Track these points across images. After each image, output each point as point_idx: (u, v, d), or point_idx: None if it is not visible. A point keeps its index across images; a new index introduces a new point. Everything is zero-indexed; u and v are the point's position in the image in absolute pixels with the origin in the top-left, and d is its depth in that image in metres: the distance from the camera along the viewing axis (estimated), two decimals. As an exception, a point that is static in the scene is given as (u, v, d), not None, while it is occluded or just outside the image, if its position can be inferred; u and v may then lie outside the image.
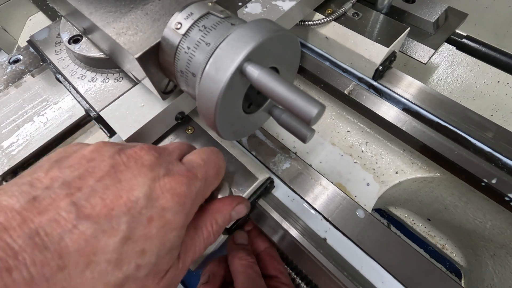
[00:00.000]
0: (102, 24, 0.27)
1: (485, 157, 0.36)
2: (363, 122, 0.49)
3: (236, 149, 0.35)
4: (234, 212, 0.27)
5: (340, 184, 0.46)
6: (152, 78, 0.27)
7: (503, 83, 0.53)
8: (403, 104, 0.40)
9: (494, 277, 0.52)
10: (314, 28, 0.44)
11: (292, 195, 0.36)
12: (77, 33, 0.34)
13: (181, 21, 0.23)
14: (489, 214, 0.47)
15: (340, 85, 0.43)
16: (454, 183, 0.45)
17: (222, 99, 0.20)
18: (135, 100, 0.32)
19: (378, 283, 0.30)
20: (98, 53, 0.32)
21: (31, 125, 0.34)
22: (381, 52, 0.39)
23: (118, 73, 0.33)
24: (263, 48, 0.20)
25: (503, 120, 0.54)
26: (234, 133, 0.25)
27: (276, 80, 0.19)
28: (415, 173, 0.46)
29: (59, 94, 0.36)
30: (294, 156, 0.38)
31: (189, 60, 0.23)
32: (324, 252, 0.32)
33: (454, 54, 0.56)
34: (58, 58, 0.35)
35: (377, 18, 0.43)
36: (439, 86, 0.59)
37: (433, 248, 0.65)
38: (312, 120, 0.18)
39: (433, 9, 0.44)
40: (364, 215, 0.34)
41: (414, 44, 0.44)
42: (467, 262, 0.61)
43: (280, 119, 0.24)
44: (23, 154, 0.32)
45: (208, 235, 0.24)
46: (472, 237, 0.55)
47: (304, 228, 0.34)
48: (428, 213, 0.62)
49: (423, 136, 0.38)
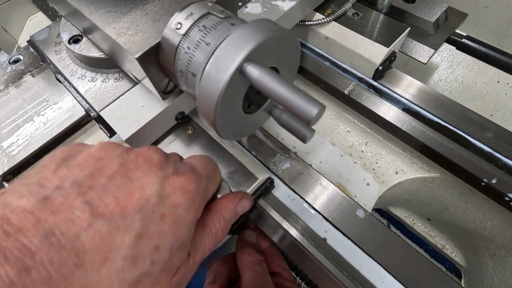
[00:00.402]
0: (102, 24, 0.27)
1: (485, 157, 0.36)
2: (363, 122, 0.49)
3: (236, 149, 0.35)
4: (239, 207, 0.27)
5: (340, 184, 0.46)
6: (152, 78, 0.27)
7: (503, 83, 0.53)
8: (403, 104, 0.40)
9: (494, 277, 0.52)
10: (314, 28, 0.44)
11: (292, 195, 0.36)
12: (77, 33, 0.34)
13: (181, 21, 0.23)
14: (489, 214, 0.47)
15: (340, 85, 0.43)
16: (454, 183, 0.45)
17: (222, 99, 0.20)
18: (135, 100, 0.32)
19: (378, 283, 0.30)
20: (98, 53, 0.32)
21: (31, 125, 0.34)
22: (381, 52, 0.39)
23: (118, 73, 0.33)
24: (263, 48, 0.20)
25: (503, 120, 0.54)
26: (234, 133, 0.25)
27: (276, 80, 0.19)
28: (415, 173, 0.46)
29: (59, 94, 0.36)
30: (294, 156, 0.38)
31: (189, 60, 0.23)
32: (324, 252, 0.32)
33: (454, 54, 0.56)
34: (58, 58, 0.35)
35: (377, 18, 0.43)
36: (439, 86, 0.59)
37: (433, 248, 0.65)
38: (312, 120, 0.18)
39: (433, 9, 0.44)
40: (364, 215, 0.34)
41: (414, 44, 0.44)
42: (467, 262, 0.61)
43: (280, 119, 0.24)
44: (23, 154, 0.32)
45: (217, 231, 0.25)
46: (472, 237, 0.55)
47: (304, 228, 0.34)
48: (428, 213, 0.62)
49: (423, 136, 0.38)
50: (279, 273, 0.36)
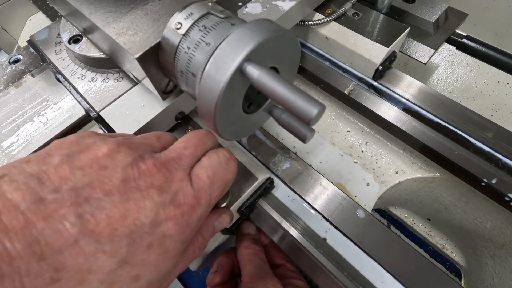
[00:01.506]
0: (102, 24, 0.27)
1: (485, 157, 0.36)
2: (363, 122, 0.49)
3: (236, 149, 0.35)
4: (217, 222, 0.27)
5: (340, 184, 0.46)
6: (152, 78, 0.27)
7: (503, 83, 0.53)
8: (403, 104, 0.40)
9: (494, 277, 0.52)
10: (314, 28, 0.44)
11: (292, 195, 0.36)
12: (77, 33, 0.34)
13: (181, 21, 0.23)
14: (489, 214, 0.47)
15: (340, 85, 0.43)
16: (454, 183, 0.45)
17: (222, 99, 0.20)
18: (135, 100, 0.32)
19: (378, 283, 0.30)
20: (98, 53, 0.32)
21: (31, 125, 0.34)
22: (381, 52, 0.39)
23: (118, 73, 0.33)
24: (263, 48, 0.20)
25: (503, 120, 0.54)
26: (234, 133, 0.25)
27: (276, 80, 0.19)
28: (415, 173, 0.46)
29: (59, 94, 0.36)
30: (294, 156, 0.38)
31: (189, 60, 0.23)
32: (324, 252, 0.32)
33: (454, 54, 0.56)
34: (58, 58, 0.35)
35: (377, 18, 0.43)
36: (439, 86, 0.59)
37: (433, 248, 0.65)
38: (312, 120, 0.18)
39: (433, 9, 0.44)
40: (364, 215, 0.34)
41: (414, 44, 0.44)
42: (467, 262, 0.61)
43: (280, 119, 0.24)
44: (23, 154, 0.32)
45: (194, 250, 0.24)
46: (472, 237, 0.55)
47: (304, 228, 0.34)
48: (428, 213, 0.62)
49: (423, 136, 0.38)
50: (282, 265, 0.37)
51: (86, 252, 0.16)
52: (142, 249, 0.18)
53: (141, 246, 0.18)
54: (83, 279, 0.16)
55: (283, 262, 0.37)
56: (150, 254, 0.19)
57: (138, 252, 0.18)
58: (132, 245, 0.18)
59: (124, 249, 0.17)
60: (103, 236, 0.17)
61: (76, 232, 0.16)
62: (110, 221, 0.17)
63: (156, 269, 0.19)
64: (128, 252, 0.18)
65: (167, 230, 0.19)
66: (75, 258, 0.16)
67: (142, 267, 0.18)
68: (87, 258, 0.16)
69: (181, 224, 0.20)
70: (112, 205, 0.18)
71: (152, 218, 0.19)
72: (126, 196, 0.19)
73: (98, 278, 0.17)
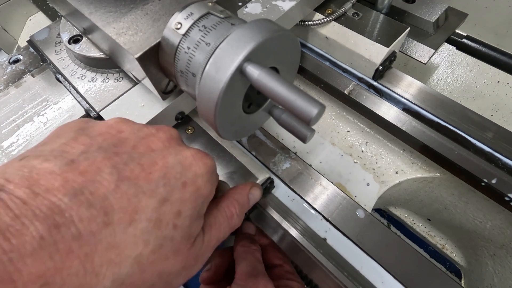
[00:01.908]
0: (102, 24, 0.27)
1: (485, 157, 0.36)
2: (363, 122, 0.49)
3: (236, 149, 0.35)
4: (251, 194, 0.28)
5: (340, 184, 0.46)
6: (152, 78, 0.27)
7: (503, 83, 0.53)
8: (403, 104, 0.40)
9: (494, 277, 0.52)
10: (314, 28, 0.44)
11: (292, 195, 0.36)
12: (77, 33, 0.34)
13: (181, 21, 0.23)
14: (489, 214, 0.47)
15: (340, 85, 0.43)
16: (454, 183, 0.45)
17: (222, 99, 0.20)
18: (135, 100, 0.32)
19: (378, 283, 0.30)
20: (98, 53, 0.32)
21: (31, 125, 0.34)
22: (381, 52, 0.39)
23: (118, 73, 0.33)
24: (263, 48, 0.20)
25: (503, 120, 0.54)
26: (234, 133, 0.25)
27: (276, 80, 0.19)
28: (415, 173, 0.46)
29: (59, 94, 0.36)
30: (294, 156, 0.38)
31: (189, 60, 0.23)
32: (324, 252, 0.32)
33: (454, 54, 0.56)
34: (58, 58, 0.35)
35: (377, 18, 0.43)
36: (439, 86, 0.59)
37: (433, 248, 0.65)
38: (312, 120, 0.18)
39: (433, 9, 0.44)
40: (364, 215, 0.34)
41: (414, 44, 0.44)
42: (467, 262, 0.61)
43: (280, 119, 0.24)
44: (23, 154, 0.32)
45: (231, 214, 0.25)
46: (472, 237, 0.55)
47: (304, 228, 0.34)
48: (428, 213, 0.62)
49: (423, 136, 0.38)
50: (280, 265, 0.37)
51: (129, 194, 0.17)
52: (178, 188, 0.19)
53: (176, 185, 0.19)
54: (132, 219, 0.17)
55: (281, 263, 0.37)
56: (185, 192, 0.20)
57: (175, 190, 0.19)
58: (168, 185, 0.19)
59: (161, 189, 0.19)
60: (140, 180, 0.18)
61: (114, 179, 0.17)
62: (143, 168, 0.19)
63: (193, 205, 0.20)
64: (166, 192, 0.19)
65: (198, 170, 0.21)
66: (120, 201, 0.17)
67: (181, 204, 0.19)
68: (130, 199, 0.17)
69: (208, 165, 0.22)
70: (140, 155, 0.19)
71: (180, 160, 0.20)
72: (150, 148, 0.20)
73: (145, 217, 0.18)
